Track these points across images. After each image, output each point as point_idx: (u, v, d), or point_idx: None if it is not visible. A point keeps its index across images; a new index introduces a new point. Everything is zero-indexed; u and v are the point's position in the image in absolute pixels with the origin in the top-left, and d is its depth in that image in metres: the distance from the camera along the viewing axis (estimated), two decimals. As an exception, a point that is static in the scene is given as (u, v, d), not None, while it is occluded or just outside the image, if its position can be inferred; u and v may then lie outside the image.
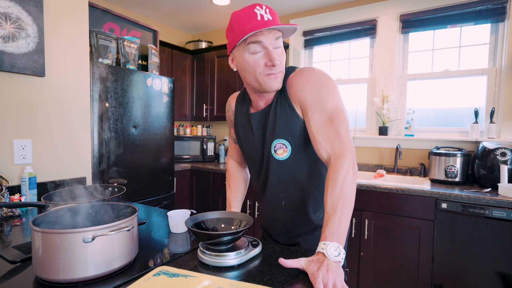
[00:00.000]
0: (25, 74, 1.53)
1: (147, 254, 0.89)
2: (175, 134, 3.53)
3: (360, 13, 2.81)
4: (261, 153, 1.02)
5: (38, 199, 1.53)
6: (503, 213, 1.76)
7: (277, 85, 0.90)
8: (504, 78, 2.26)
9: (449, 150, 2.26)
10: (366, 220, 2.17)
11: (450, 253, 1.92)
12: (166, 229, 1.12)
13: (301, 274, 0.77)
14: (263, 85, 0.90)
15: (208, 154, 3.41)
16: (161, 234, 1.07)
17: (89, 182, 1.86)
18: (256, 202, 2.73)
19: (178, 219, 1.07)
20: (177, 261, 0.85)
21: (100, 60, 2.10)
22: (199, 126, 3.62)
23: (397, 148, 2.54)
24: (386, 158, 2.71)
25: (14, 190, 1.48)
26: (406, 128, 2.61)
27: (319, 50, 3.15)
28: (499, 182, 1.95)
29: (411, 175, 2.54)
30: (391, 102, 2.62)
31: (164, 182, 2.61)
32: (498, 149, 2.01)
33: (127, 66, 2.29)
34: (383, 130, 2.67)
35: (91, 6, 2.16)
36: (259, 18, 0.83)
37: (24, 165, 1.55)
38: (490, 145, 2.07)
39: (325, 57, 3.12)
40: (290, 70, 0.97)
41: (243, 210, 2.80)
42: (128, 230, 0.75)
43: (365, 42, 2.87)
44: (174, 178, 2.79)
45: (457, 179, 2.17)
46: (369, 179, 2.49)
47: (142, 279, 0.69)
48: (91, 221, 0.90)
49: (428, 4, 2.51)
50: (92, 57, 2.09)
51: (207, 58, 3.43)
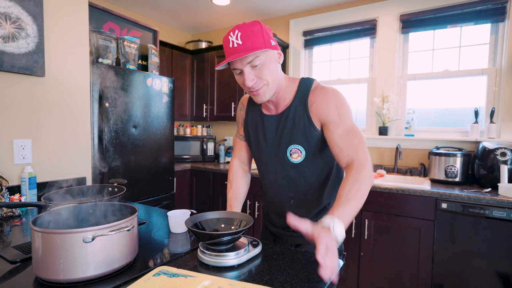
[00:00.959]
0: (25, 74, 1.53)
1: (147, 254, 0.89)
2: (175, 134, 3.53)
3: (360, 13, 2.81)
4: (274, 154, 1.09)
5: (38, 199, 1.53)
6: (503, 213, 1.76)
7: (261, 99, 0.98)
8: (504, 78, 2.26)
9: (449, 150, 2.26)
10: (366, 220, 2.17)
11: (450, 253, 1.92)
12: (166, 229, 1.12)
13: (301, 274, 0.77)
14: (252, 98, 1.02)
15: (208, 154, 3.41)
16: (161, 234, 1.07)
17: (89, 182, 1.86)
18: (256, 202, 2.73)
19: (178, 219, 1.07)
20: (177, 261, 0.85)
21: (100, 60, 2.10)
22: (199, 126, 3.62)
23: (397, 148, 2.54)
24: (386, 158, 2.71)
25: (14, 190, 1.48)
26: (406, 128, 2.61)
27: (319, 50, 3.15)
28: (499, 182, 1.95)
29: (411, 175, 2.54)
30: (391, 102, 2.62)
31: (164, 182, 2.61)
32: (498, 149, 2.01)
33: (127, 66, 2.29)
34: (383, 130, 2.67)
35: (91, 6, 2.16)
36: (231, 45, 0.91)
37: (24, 165, 1.55)
38: (490, 145, 2.07)
39: (325, 57, 3.12)
40: (308, 85, 1.03)
41: (243, 210, 2.80)
42: (128, 230, 0.75)
43: (365, 42, 2.87)
44: (174, 178, 2.79)
45: (457, 179, 2.17)
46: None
47: (142, 279, 0.69)
48: (91, 221, 0.90)
49: (428, 4, 2.51)
50: (92, 57, 2.09)
51: (207, 58, 3.43)
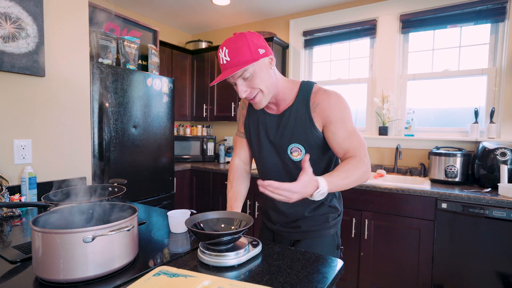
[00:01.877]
0: (25, 74, 1.53)
1: (147, 254, 0.89)
2: (175, 134, 3.53)
3: (360, 13, 2.81)
4: (275, 151, 1.13)
5: (38, 199, 1.53)
6: (503, 213, 1.76)
7: (259, 106, 1.04)
8: (504, 78, 2.26)
9: (449, 150, 2.26)
10: (366, 220, 2.17)
11: (450, 253, 1.92)
12: (166, 229, 1.12)
13: (301, 274, 0.77)
14: (253, 105, 1.07)
15: (208, 154, 3.41)
16: (161, 234, 1.07)
17: (89, 182, 1.86)
18: (256, 202, 2.73)
19: (178, 219, 1.07)
20: (177, 261, 0.85)
21: (100, 60, 2.10)
22: (199, 126, 3.62)
23: (397, 148, 2.54)
24: (386, 158, 2.71)
25: (14, 190, 1.48)
26: (406, 128, 2.61)
27: (319, 50, 3.15)
28: (499, 182, 1.95)
29: (411, 175, 2.54)
30: (391, 102, 2.62)
31: (164, 182, 2.61)
32: (498, 149, 2.01)
33: (127, 66, 2.29)
34: (383, 130, 2.67)
35: (91, 6, 2.16)
36: (221, 61, 0.97)
37: (24, 165, 1.55)
38: (490, 145, 2.07)
39: (325, 57, 3.12)
40: (309, 87, 1.08)
41: (243, 210, 2.80)
42: (128, 230, 0.75)
43: (365, 42, 2.87)
44: (174, 178, 2.79)
45: (457, 179, 2.17)
46: (369, 179, 2.49)
47: (142, 279, 0.69)
48: (91, 221, 0.90)
49: (428, 4, 2.51)
50: (92, 57, 2.09)
51: (207, 58, 3.43)
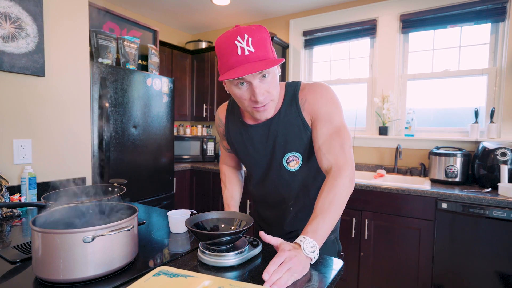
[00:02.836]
0: (25, 74, 1.53)
1: (147, 254, 0.89)
2: (175, 134, 3.53)
3: (360, 13, 2.81)
4: (268, 164, 1.03)
5: (38, 199, 1.53)
6: (503, 213, 1.76)
7: (266, 115, 0.92)
8: (504, 78, 2.26)
9: (449, 150, 2.26)
10: (366, 220, 2.17)
11: (450, 253, 1.92)
12: (166, 229, 1.12)
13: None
14: (253, 115, 0.93)
15: (208, 154, 3.41)
16: (161, 234, 1.07)
17: (89, 182, 1.86)
18: (256, 202, 2.73)
19: (178, 219, 1.06)
20: (177, 261, 0.85)
21: (100, 60, 2.10)
22: (199, 126, 3.62)
23: (397, 148, 2.54)
24: (386, 158, 2.71)
25: (14, 190, 1.48)
26: (406, 128, 2.61)
27: (319, 50, 3.15)
28: (499, 182, 1.95)
29: (411, 175, 2.54)
30: (391, 102, 2.62)
31: (164, 182, 2.61)
32: (498, 149, 2.01)
33: (127, 66, 2.29)
34: (383, 130, 2.67)
35: (91, 6, 2.16)
36: (240, 52, 0.79)
37: (24, 165, 1.55)
38: (490, 145, 2.07)
39: (325, 57, 3.11)
40: (296, 86, 0.98)
41: (243, 210, 2.80)
42: (128, 230, 0.75)
43: (365, 42, 2.87)
44: (174, 178, 2.79)
45: (457, 179, 2.17)
46: (369, 179, 2.49)
47: (142, 279, 0.69)
48: (91, 221, 0.90)
49: (428, 4, 2.51)
50: (92, 57, 2.09)
51: (207, 58, 3.43)
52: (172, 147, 2.67)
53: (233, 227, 0.92)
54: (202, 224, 0.92)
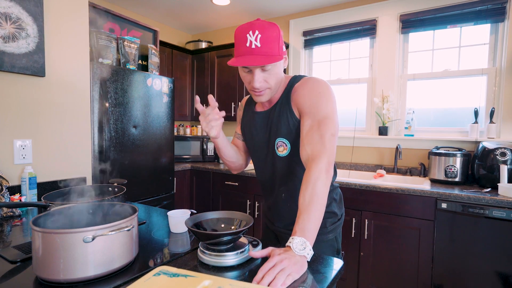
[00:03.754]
0: (25, 74, 1.53)
1: (147, 254, 0.89)
2: (175, 134, 3.53)
3: (360, 13, 2.81)
4: (265, 149, 1.11)
5: (38, 199, 1.53)
6: (503, 213, 1.76)
7: (261, 99, 1.00)
8: (504, 78, 2.26)
9: (449, 150, 2.26)
10: (366, 220, 2.17)
11: (450, 253, 1.92)
12: (166, 229, 1.12)
13: (302, 274, 0.77)
14: (252, 96, 1.03)
15: (208, 154, 3.41)
16: (161, 234, 1.07)
17: (89, 182, 1.86)
18: (256, 202, 2.73)
19: (178, 219, 1.07)
20: (177, 261, 0.85)
21: (100, 60, 2.10)
22: (199, 126, 3.62)
23: (397, 148, 2.54)
24: (386, 158, 2.71)
25: (14, 190, 1.48)
26: (406, 128, 2.61)
27: (319, 50, 3.15)
28: (499, 182, 1.95)
29: (411, 175, 2.54)
30: (391, 102, 2.62)
31: (164, 182, 2.61)
32: (498, 149, 2.01)
33: (127, 66, 2.30)
34: (383, 130, 2.67)
35: (91, 6, 2.16)
36: (248, 44, 0.90)
37: (24, 165, 1.55)
38: (490, 145, 2.07)
39: (325, 57, 3.12)
40: (296, 78, 1.06)
41: (243, 210, 2.80)
42: (128, 230, 0.75)
43: (365, 42, 2.87)
44: (174, 178, 2.79)
45: (457, 179, 2.17)
46: (369, 179, 2.49)
47: (142, 279, 0.69)
48: (91, 221, 0.90)
49: (428, 4, 2.51)
50: (92, 57, 2.09)
51: (207, 58, 3.43)
52: (172, 147, 2.67)
53: (233, 227, 0.92)
54: (202, 224, 0.92)
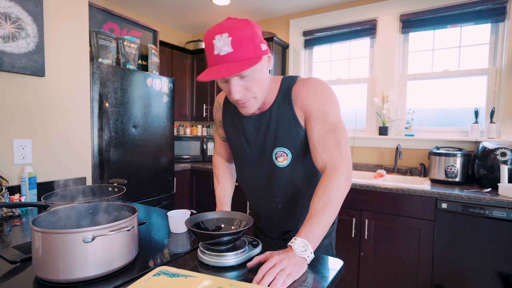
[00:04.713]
0: (25, 74, 1.53)
1: (147, 254, 0.89)
2: (175, 134, 3.53)
3: (360, 13, 2.81)
4: (258, 158, 1.01)
5: (38, 199, 1.53)
6: (503, 213, 1.76)
7: (248, 111, 0.91)
8: (504, 78, 2.26)
9: (449, 150, 2.26)
10: (366, 220, 2.17)
11: (450, 253, 1.92)
12: (166, 229, 1.12)
13: (302, 275, 0.77)
14: (238, 109, 0.93)
15: (208, 154, 3.41)
16: (161, 234, 1.07)
17: (89, 182, 1.86)
18: (256, 202, 2.72)
19: (178, 219, 1.07)
20: (177, 261, 0.85)
21: (100, 60, 2.10)
22: (199, 126, 3.62)
23: (397, 148, 2.54)
24: (386, 158, 2.71)
25: (14, 190, 1.48)
26: (406, 128, 2.61)
27: (319, 50, 3.15)
28: (499, 182, 1.95)
29: (411, 175, 2.54)
30: (391, 102, 2.62)
31: (164, 182, 2.61)
32: (498, 149, 2.01)
33: (127, 66, 2.29)
34: (383, 130, 2.67)
35: (91, 6, 2.16)
36: (216, 51, 0.77)
37: (24, 165, 1.55)
38: (490, 145, 2.07)
39: (325, 57, 3.12)
40: (291, 79, 0.96)
41: (243, 210, 2.80)
42: (128, 230, 0.75)
43: (365, 42, 2.87)
44: (174, 178, 2.79)
45: (457, 179, 2.17)
46: (369, 179, 2.49)
47: (142, 279, 0.69)
48: (91, 221, 0.90)
49: (428, 4, 2.51)
50: (92, 57, 2.09)
51: (207, 58, 3.43)
52: (172, 147, 2.67)
53: (233, 227, 0.92)
54: (202, 224, 0.92)
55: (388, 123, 2.69)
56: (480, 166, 2.08)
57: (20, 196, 1.42)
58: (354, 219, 2.22)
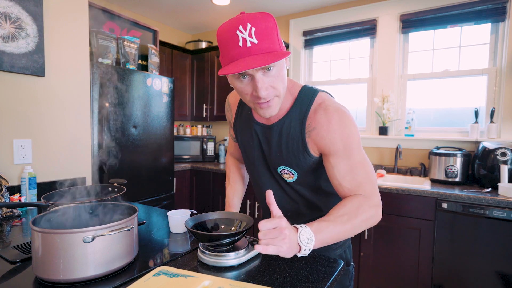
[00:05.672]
0: (25, 74, 1.53)
1: (147, 254, 0.89)
2: (175, 134, 3.53)
3: (360, 13, 2.81)
4: (266, 167, 1.00)
5: (38, 199, 1.53)
6: (503, 213, 1.76)
7: (271, 112, 0.81)
8: (504, 78, 2.26)
9: (449, 150, 2.26)
10: (366, 220, 2.17)
11: (450, 253, 1.92)
12: (166, 229, 1.12)
13: (301, 274, 0.77)
14: (256, 111, 0.83)
15: (208, 154, 3.41)
16: (161, 234, 1.07)
17: (89, 182, 1.86)
18: (256, 202, 2.73)
19: (178, 219, 1.06)
20: (177, 261, 0.85)
21: (100, 60, 2.10)
22: (199, 126, 3.62)
23: (397, 148, 2.54)
24: (386, 158, 2.71)
25: (14, 190, 1.48)
26: (406, 128, 2.61)
27: (319, 50, 3.15)
28: (499, 182, 1.95)
29: (411, 175, 2.54)
30: (391, 102, 2.62)
31: (164, 182, 2.61)
32: (498, 149, 2.01)
33: (127, 66, 2.29)
34: (383, 130, 2.67)
35: (91, 6, 2.16)
36: (241, 43, 0.71)
37: (24, 165, 1.55)
38: (490, 145, 2.07)
39: (325, 57, 3.11)
40: (310, 98, 0.87)
41: (243, 210, 2.80)
42: (128, 230, 0.75)
43: (365, 42, 2.87)
44: (174, 178, 2.79)
45: (457, 179, 2.17)
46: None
47: (142, 279, 0.69)
48: (91, 221, 0.90)
49: (428, 4, 2.51)
50: (92, 57, 2.09)
51: (207, 58, 3.43)
52: (172, 147, 2.67)
53: (233, 228, 0.92)
54: (202, 224, 0.92)
55: (388, 123, 2.68)
56: (480, 166, 2.08)
57: (20, 196, 1.42)
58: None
